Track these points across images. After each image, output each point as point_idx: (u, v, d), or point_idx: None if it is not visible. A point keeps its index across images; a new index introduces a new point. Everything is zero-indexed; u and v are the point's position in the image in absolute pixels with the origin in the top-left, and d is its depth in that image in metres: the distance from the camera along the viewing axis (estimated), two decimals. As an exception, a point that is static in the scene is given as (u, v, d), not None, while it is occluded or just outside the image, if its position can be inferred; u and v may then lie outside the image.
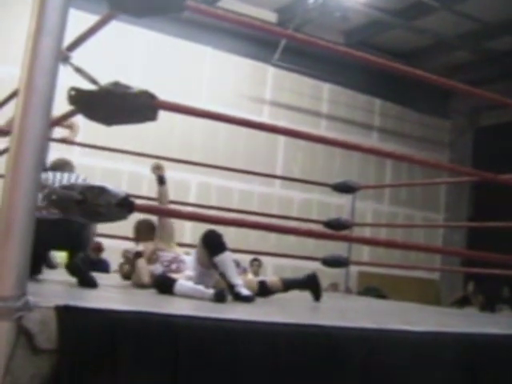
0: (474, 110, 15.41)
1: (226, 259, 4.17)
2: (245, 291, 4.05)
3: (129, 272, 5.04)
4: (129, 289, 4.43)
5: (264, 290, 4.63)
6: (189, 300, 3.85)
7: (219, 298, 3.73)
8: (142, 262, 4.62)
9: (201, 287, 3.93)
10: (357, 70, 12.65)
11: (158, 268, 4.52)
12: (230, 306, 3.72)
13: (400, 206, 15.03)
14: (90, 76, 2.81)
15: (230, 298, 3.91)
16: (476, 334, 3.19)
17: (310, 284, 4.84)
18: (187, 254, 4.92)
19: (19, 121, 1.97)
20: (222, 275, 4.15)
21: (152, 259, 4.67)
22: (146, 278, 4.48)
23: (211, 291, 3.82)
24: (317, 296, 4.79)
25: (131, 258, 4.84)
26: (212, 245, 4.22)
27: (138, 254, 4.68)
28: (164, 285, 4.08)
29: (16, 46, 2.61)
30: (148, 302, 3.39)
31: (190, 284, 4.02)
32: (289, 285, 4.83)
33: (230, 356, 2.24)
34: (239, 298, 3.98)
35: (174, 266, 4.52)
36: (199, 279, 4.23)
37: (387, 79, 12.78)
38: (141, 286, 4.49)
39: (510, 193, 5.89)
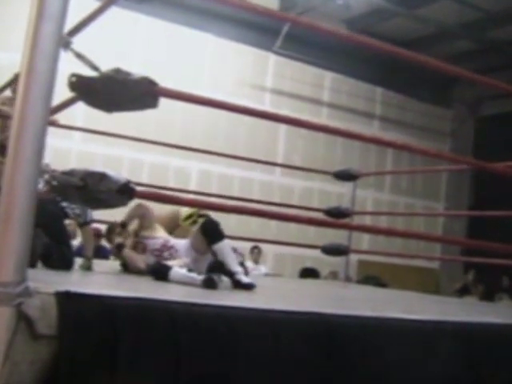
0: (476, 99, 15.38)
1: (225, 247, 4.18)
2: (245, 279, 4.06)
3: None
4: (127, 275, 4.43)
5: None
6: (189, 286, 3.86)
7: (208, 284, 3.75)
8: (128, 252, 4.57)
9: (194, 274, 3.95)
10: (359, 59, 12.64)
11: (149, 258, 4.49)
12: (230, 293, 3.73)
13: (400, 194, 15.03)
14: (90, 62, 2.81)
15: (227, 285, 3.91)
16: (475, 323, 3.20)
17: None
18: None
19: (20, 106, 1.96)
20: (222, 263, 4.16)
21: (138, 249, 4.61)
22: (142, 264, 4.47)
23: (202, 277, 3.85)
24: None
25: (115, 251, 4.74)
26: (211, 233, 4.23)
27: (120, 246, 4.63)
28: (159, 272, 4.08)
29: (17, 31, 2.60)
30: (147, 289, 3.39)
31: (184, 271, 4.03)
32: None
33: (230, 343, 2.25)
34: (240, 285, 3.99)
35: (166, 254, 4.49)
36: (193, 265, 4.25)
37: (389, 68, 12.76)
38: (138, 272, 4.47)
39: (510, 182, 5.89)
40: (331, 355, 2.46)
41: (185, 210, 4.85)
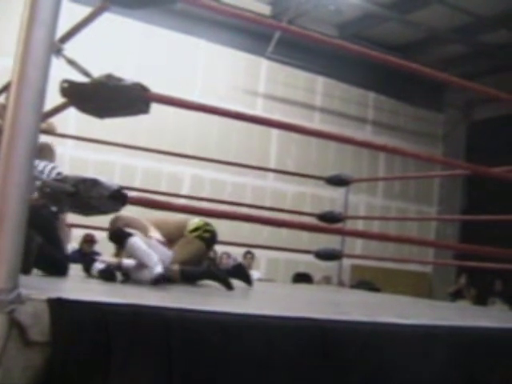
0: (468, 103, 15.44)
1: (131, 246, 4.17)
2: (156, 270, 4.04)
3: None
4: (120, 281, 4.41)
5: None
6: (181, 292, 3.85)
7: (104, 275, 3.85)
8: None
9: (154, 258, 3.96)
10: (351, 64, 12.65)
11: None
12: (223, 299, 3.73)
13: (393, 199, 15.05)
14: (82, 68, 2.81)
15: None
16: (468, 327, 3.20)
17: (210, 276, 4.79)
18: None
19: (12, 113, 1.96)
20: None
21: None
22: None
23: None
24: (226, 285, 4.69)
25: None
26: (116, 240, 4.29)
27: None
28: (119, 236, 4.10)
29: (10, 37, 2.60)
30: (140, 295, 3.38)
31: (146, 247, 4.05)
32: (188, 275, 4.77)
33: (222, 349, 2.24)
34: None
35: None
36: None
37: (381, 73, 12.78)
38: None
39: (503, 186, 5.90)
40: (325, 361, 2.46)
41: (193, 222, 4.83)
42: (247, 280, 5.05)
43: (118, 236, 4.20)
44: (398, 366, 2.66)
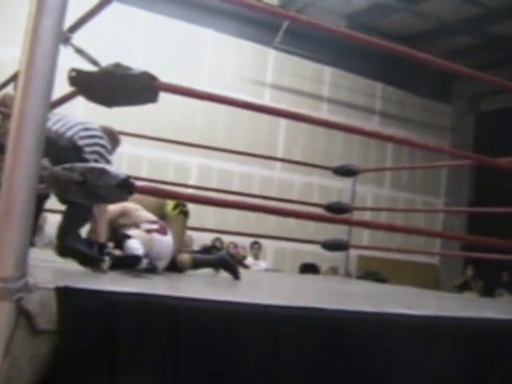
0: (476, 95, 15.37)
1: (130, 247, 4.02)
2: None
3: None
4: (127, 271, 4.41)
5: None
6: (188, 282, 3.86)
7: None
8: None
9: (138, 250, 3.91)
10: (359, 54, 12.62)
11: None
12: (230, 288, 3.73)
13: (400, 190, 15.03)
14: (90, 57, 2.80)
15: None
16: (475, 318, 3.20)
17: (222, 264, 4.84)
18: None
19: (19, 102, 1.96)
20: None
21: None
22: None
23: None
24: (234, 274, 4.71)
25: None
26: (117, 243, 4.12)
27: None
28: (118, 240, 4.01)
29: (19, 27, 2.60)
30: (147, 284, 3.39)
31: (140, 251, 3.92)
32: (199, 263, 4.79)
33: (230, 338, 2.25)
34: None
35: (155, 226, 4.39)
36: None
37: (389, 63, 12.76)
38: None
39: (511, 177, 5.88)
40: (332, 351, 2.46)
41: (170, 202, 4.77)
42: (233, 272, 4.80)
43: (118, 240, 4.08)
44: (405, 356, 2.66)
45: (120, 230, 4.17)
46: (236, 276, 4.61)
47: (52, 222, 8.34)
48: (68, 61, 2.68)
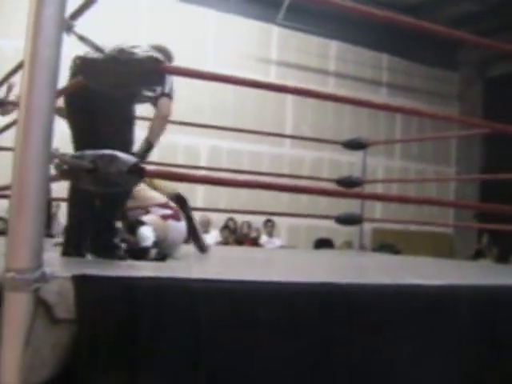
0: (483, 60, 15.25)
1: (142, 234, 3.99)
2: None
3: None
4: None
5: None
6: (200, 264, 3.86)
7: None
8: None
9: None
10: (363, 26, 12.53)
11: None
12: (246, 268, 3.73)
13: (411, 160, 14.99)
14: (94, 44, 2.79)
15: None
16: (493, 285, 3.19)
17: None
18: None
19: (26, 93, 1.95)
20: None
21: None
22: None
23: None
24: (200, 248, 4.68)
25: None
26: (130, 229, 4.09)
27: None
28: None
29: (19, 18, 2.58)
30: (164, 268, 3.39)
31: (151, 240, 3.87)
32: None
33: (247, 316, 2.25)
34: None
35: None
36: None
37: (394, 34, 12.66)
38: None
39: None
40: (350, 325, 2.46)
41: (164, 184, 4.68)
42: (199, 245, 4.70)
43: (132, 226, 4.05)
44: (422, 327, 2.65)
45: (131, 216, 4.13)
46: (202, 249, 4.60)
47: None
48: (72, 49, 2.67)
